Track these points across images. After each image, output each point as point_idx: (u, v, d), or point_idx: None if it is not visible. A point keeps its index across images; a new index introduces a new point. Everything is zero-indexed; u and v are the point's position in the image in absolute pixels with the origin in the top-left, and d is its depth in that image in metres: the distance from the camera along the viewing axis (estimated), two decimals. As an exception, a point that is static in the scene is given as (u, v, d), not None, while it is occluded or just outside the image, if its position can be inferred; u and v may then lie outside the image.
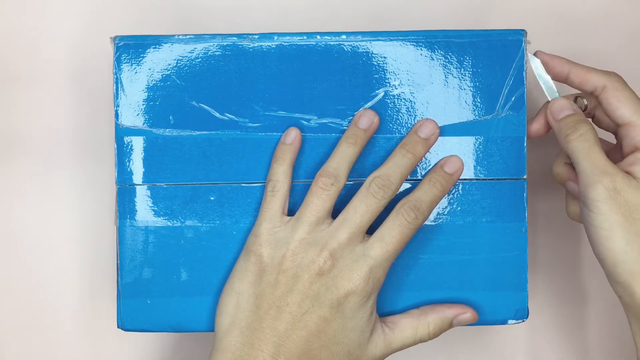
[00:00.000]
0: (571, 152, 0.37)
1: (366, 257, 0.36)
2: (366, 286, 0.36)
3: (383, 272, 0.37)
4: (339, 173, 0.37)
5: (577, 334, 0.46)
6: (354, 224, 0.36)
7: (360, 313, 0.36)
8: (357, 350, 0.37)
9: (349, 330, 0.36)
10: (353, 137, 0.38)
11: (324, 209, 0.37)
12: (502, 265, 0.40)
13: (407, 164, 0.37)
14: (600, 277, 0.46)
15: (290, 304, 0.36)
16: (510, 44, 0.39)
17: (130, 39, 0.39)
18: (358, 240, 0.37)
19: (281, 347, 0.35)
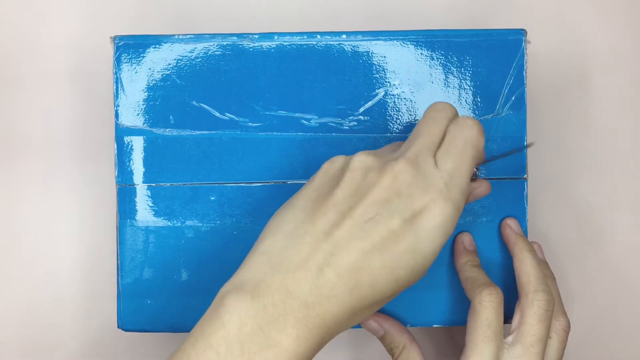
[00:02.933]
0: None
1: (442, 173, 0.32)
2: (444, 206, 0.31)
3: (462, 198, 0.32)
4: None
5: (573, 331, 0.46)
6: (426, 141, 0.33)
7: (438, 239, 0.31)
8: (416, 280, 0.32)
9: (420, 256, 0.31)
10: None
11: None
12: (503, 266, 0.40)
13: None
14: (600, 277, 0.46)
15: (353, 208, 0.30)
16: (510, 43, 0.40)
17: (130, 38, 0.39)
18: (430, 157, 0.32)
19: (333, 257, 0.30)
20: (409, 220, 0.30)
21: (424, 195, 0.31)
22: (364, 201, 0.30)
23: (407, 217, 0.30)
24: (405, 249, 0.30)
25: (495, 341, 0.35)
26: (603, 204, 0.46)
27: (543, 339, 0.35)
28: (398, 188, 0.31)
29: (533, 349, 0.35)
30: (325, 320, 0.30)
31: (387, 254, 0.30)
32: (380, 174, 0.31)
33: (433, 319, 0.40)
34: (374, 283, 0.30)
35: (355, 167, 0.32)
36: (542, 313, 0.36)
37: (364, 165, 0.32)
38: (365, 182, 0.31)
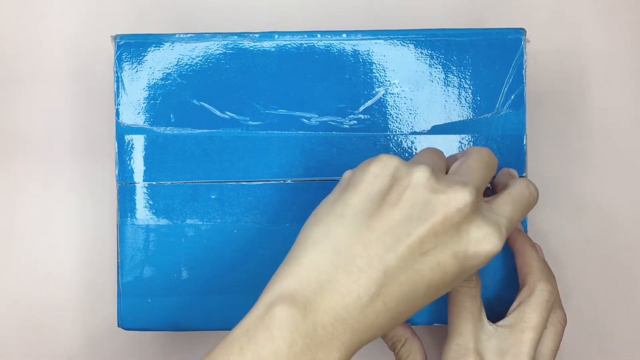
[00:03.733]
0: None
1: (500, 216, 0.31)
2: (499, 251, 0.30)
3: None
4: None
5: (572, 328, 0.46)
6: (482, 182, 0.32)
7: (471, 272, 0.31)
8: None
9: (454, 285, 0.31)
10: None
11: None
12: (504, 262, 0.40)
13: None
14: (600, 277, 0.46)
15: (412, 236, 0.29)
16: (509, 42, 0.40)
17: (131, 37, 0.39)
18: (482, 197, 0.32)
19: (384, 287, 0.29)
20: (460, 257, 0.30)
21: (479, 234, 0.30)
22: (423, 230, 0.29)
23: (459, 255, 0.30)
24: (449, 280, 0.30)
25: (472, 321, 0.36)
26: (603, 204, 0.46)
27: (537, 328, 0.35)
28: (459, 222, 0.30)
29: (524, 335, 0.35)
30: (363, 343, 0.30)
31: (432, 286, 0.30)
32: (447, 201, 0.30)
33: (433, 317, 0.40)
34: (413, 310, 0.31)
35: (418, 184, 0.30)
36: (540, 302, 0.36)
37: (428, 184, 0.30)
38: (427, 207, 0.29)
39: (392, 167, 0.31)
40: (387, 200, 0.30)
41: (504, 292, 0.40)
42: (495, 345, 0.36)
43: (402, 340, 0.38)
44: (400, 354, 0.38)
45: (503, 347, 0.35)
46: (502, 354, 0.35)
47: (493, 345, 0.36)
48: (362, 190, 0.30)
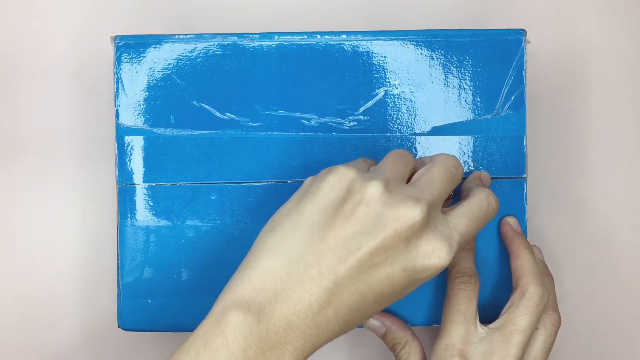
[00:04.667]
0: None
1: (452, 230, 0.32)
2: (447, 265, 0.31)
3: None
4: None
5: (572, 332, 0.46)
6: (442, 194, 0.33)
7: (420, 284, 0.32)
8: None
9: (405, 293, 0.32)
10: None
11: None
12: (501, 264, 0.40)
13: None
14: (599, 277, 0.46)
15: (362, 249, 0.30)
16: (510, 43, 0.40)
17: (130, 38, 0.39)
18: (440, 208, 0.33)
19: (335, 296, 0.30)
20: (408, 270, 0.31)
21: (428, 248, 0.31)
22: (373, 244, 0.30)
23: (408, 269, 0.31)
24: (398, 292, 0.32)
25: (464, 324, 0.36)
26: (602, 204, 0.46)
27: (525, 331, 0.36)
28: (409, 236, 0.31)
29: (512, 337, 0.36)
30: (315, 347, 0.31)
31: (381, 297, 0.31)
32: (397, 217, 0.30)
33: (433, 319, 0.40)
34: (364, 316, 0.32)
35: (371, 199, 0.31)
36: (530, 306, 0.36)
37: (381, 200, 0.31)
38: (379, 221, 0.30)
39: (348, 179, 0.31)
40: (341, 213, 0.31)
41: (500, 294, 0.40)
42: (484, 348, 0.36)
43: (402, 343, 0.38)
44: (400, 355, 0.38)
45: (491, 349, 0.36)
46: (489, 355, 0.36)
47: (482, 347, 0.36)
48: (318, 201, 0.31)
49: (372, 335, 0.45)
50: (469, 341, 0.36)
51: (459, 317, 0.37)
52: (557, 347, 0.45)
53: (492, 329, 0.36)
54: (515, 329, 0.36)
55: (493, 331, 0.36)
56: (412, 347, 0.38)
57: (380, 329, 0.39)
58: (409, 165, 0.35)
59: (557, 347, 0.45)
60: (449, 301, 0.37)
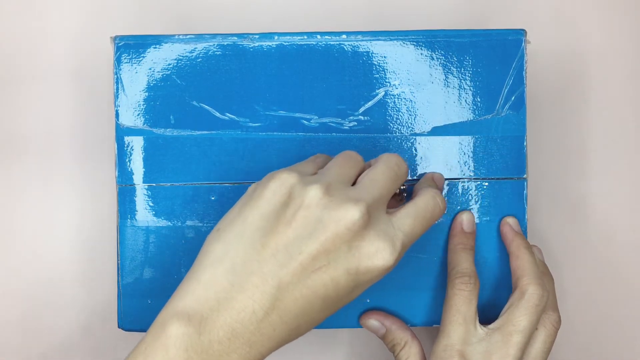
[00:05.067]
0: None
1: (397, 230, 0.32)
2: (392, 265, 0.32)
3: (402, 256, 0.33)
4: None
5: (572, 332, 0.46)
6: (384, 195, 0.33)
7: (368, 286, 0.32)
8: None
9: (352, 298, 0.32)
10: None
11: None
12: (501, 265, 0.40)
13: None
14: (599, 277, 0.46)
15: (304, 254, 0.30)
16: (510, 43, 0.40)
17: (130, 38, 0.39)
18: (385, 208, 0.33)
19: (278, 302, 0.30)
20: (352, 273, 0.31)
21: (371, 249, 0.31)
22: (314, 247, 0.30)
23: (351, 271, 0.31)
24: (344, 295, 0.31)
25: (463, 325, 0.36)
26: (602, 204, 0.46)
27: (524, 332, 0.36)
28: (350, 238, 0.31)
29: (512, 338, 0.36)
30: (262, 355, 0.31)
31: (327, 301, 0.31)
32: (337, 220, 0.31)
33: (433, 319, 0.40)
34: (312, 323, 0.32)
35: (311, 204, 0.31)
36: (529, 306, 0.36)
37: (321, 203, 0.31)
38: (319, 225, 0.31)
39: (289, 185, 0.32)
40: (282, 219, 0.31)
41: (500, 294, 0.40)
42: (484, 348, 0.36)
43: (402, 343, 0.38)
44: (399, 356, 0.38)
45: (490, 350, 0.36)
46: (489, 356, 0.36)
47: (482, 347, 0.36)
48: (260, 208, 0.32)
49: (372, 336, 0.45)
50: (469, 342, 0.36)
51: (458, 317, 0.37)
52: (557, 347, 0.45)
53: (491, 329, 0.37)
54: (515, 329, 0.36)
55: (492, 331, 0.36)
56: (411, 348, 0.38)
57: (380, 330, 0.39)
58: (356, 167, 0.35)
59: (557, 347, 0.45)
60: (448, 302, 0.37)
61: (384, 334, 0.39)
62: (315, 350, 0.45)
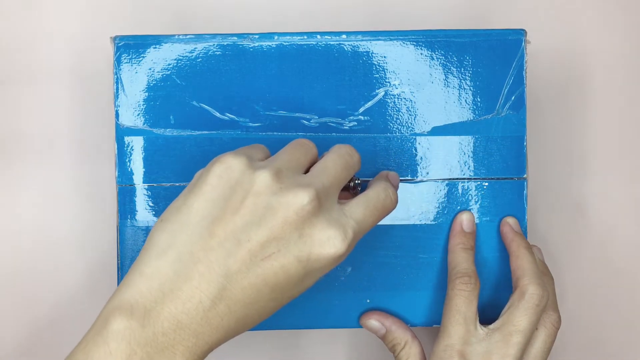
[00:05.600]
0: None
1: (348, 218, 0.32)
2: (344, 253, 0.31)
3: (354, 245, 0.32)
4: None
5: (572, 332, 0.46)
6: (335, 182, 0.33)
7: (321, 275, 0.32)
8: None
9: (303, 287, 0.32)
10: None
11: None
12: (501, 265, 0.40)
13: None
14: (599, 277, 0.46)
15: (252, 241, 0.30)
16: (510, 43, 0.40)
17: (130, 38, 0.39)
18: (337, 196, 0.33)
19: (226, 291, 0.29)
20: (303, 260, 0.30)
21: (322, 236, 0.30)
22: (263, 234, 0.30)
23: (302, 259, 0.30)
24: (294, 283, 0.31)
25: (463, 325, 0.36)
26: (602, 204, 0.46)
27: (525, 332, 0.36)
28: (299, 225, 0.30)
29: (512, 338, 0.36)
30: (211, 346, 0.30)
31: (277, 290, 0.30)
32: (286, 205, 0.30)
33: (433, 319, 0.40)
34: (261, 313, 0.31)
35: (259, 191, 0.30)
36: (530, 306, 0.36)
37: (269, 190, 0.30)
38: (268, 211, 0.30)
39: (236, 170, 0.31)
40: (230, 206, 0.30)
41: (500, 295, 0.40)
42: (484, 348, 0.36)
43: (402, 343, 0.38)
44: (400, 356, 0.38)
45: (490, 350, 0.36)
46: (489, 356, 0.36)
47: (482, 347, 0.36)
48: (206, 195, 0.30)
49: (372, 336, 0.45)
50: (469, 342, 0.36)
51: (458, 317, 0.37)
52: (557, 347, 0.45)
53: (491, 329, 0.37)
54: (515, 329, 0.36)
55: (492, 332, 0.36)
56: (412, 348, 0.38)
57: (380, 330, 0.39)
58: (308, 155, 0.34)
59: (557, 347, 0.45)
60: (449, 302, 0.37)
61: (384, 334, 0.39)
62: (315, 350, 0.45)
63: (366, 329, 0.40)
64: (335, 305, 0.40)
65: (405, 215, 0.40)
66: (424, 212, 0.40)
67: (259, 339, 0.45)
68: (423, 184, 0.40)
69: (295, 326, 0.40)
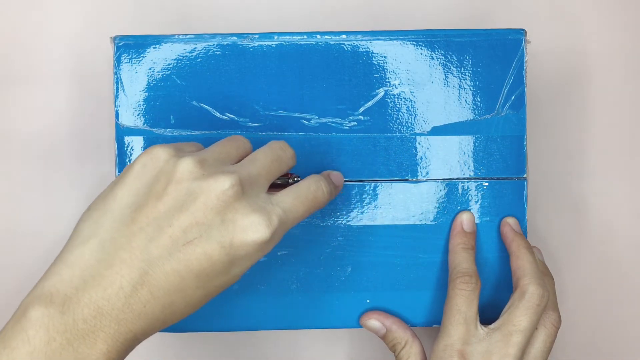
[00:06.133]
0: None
1: (275, 205, 0.32)
2: (268, 240, 0.31)
3: (283, 234, 0.32)
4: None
5: (572, 332, 0.46)
6: (263, 171, 0.33)
7: (248, 264, 0.32)
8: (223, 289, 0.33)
9: (231, 277, 0.31)
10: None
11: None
12: (502, 265, 0.40)
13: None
14: (599, 277, 0.46)
15: (174, 226, 0.30)
16: (510, 43, 0.40)
17: (130, 38, 0.39)
18: (266, 187, 0.33)
19: (148, 276, 0.29)
20: (226, 246, 0.30)
21: (245, 222, 0.30)
22: (185, 219, 0.30)
23: (225, 244, 0.30)
24: (219, 271, 0.30)
25: (464, 325, 0.36)
26: (602, 204, 0.46)
27: (525, 331, 0.36)
28: (222, 210, 0.30)
29: (512, 338, 0.36)
30: (135, 335, 0.30)
31: (202, 277, 0.30)
32: (208, 190, 0.30)
33: (433, 319, 0.40)
34: (187, 301, 0.31)
35: (182, 178, 0.30)
36: (530, 306, 0.36)
37: (191, 177, 0.30)
38: (190, 197, 0.30)
39: (161, 159, 0.31)
40: (153, 193, 0.30)
41: (500, 295, 0.40)
42: (484, 348, 0.36)
43: (403, 343, 0.38)
44: (400, 355, 0.38)
45: (490, 350, 0.36)
46: (489, 355, 0.36)
47: (482, 347, 0.36)
48: (130, 184, 0.31)
49: (372, 336, 0.45)
50: (469, 342, 0.36)
51: (459, 317, 0.37)
52: (557, 347, 0.45)
53: (491, 329, 0.37)
54: (515, 329, 0.36)
55: (492, 331, 0.36)
56: (412, 348, 0.38)
57: (381, 330, 0.39)
58: (240, 149, 0.34)
59: (557, 347, 0.45)
60: (449, 301, 0.37)
61: (384, 334, 0.39)
62: (316, 350, 0.45)
63: (366, 329, 0.40)
64: (335, 305, 0.40)
65: (405, 215, 0.40)
66: (424, 212, 0.40)
67: (259, 339, 0.45)
68: (423, 184, 0.40)
69: (295, 326, 0.40)
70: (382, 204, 0.40)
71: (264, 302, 0.39)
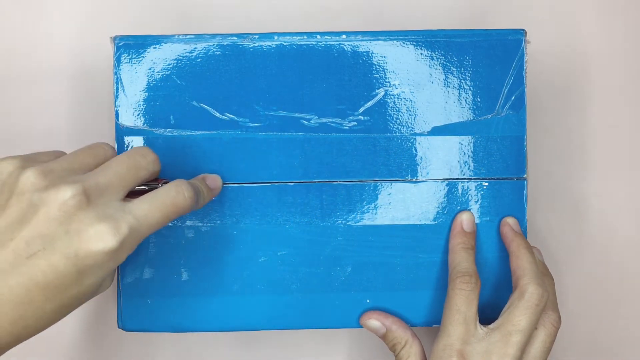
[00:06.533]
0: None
1: (126, 213, 0.31)
2: (117, 249, 0.30)
3: (138, 242, 0.32)
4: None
5: (572, 332, 0.46)
6: (116, 180, 0.32)
7: (100, 273, 0.31)
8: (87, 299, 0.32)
9: (85, 287, 0.31)
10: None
11: None
12: (502, 265, 0.40)
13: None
14: (599, 277, 0.46)
15: (16, 240, 0.29)
16: (510, 43, 0.40)
17: (130, 38, 0.39)
18: (120, 195, 0.32)
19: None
20: (71, 257, 0.30)
21: (90, 232, 0.30)
22: (28, 233, 0.29)
23: (70, 256, 0.29)
24: (69, 282, 0.30)
25: (463, 325, 0.36)
26: (602, 204, 0.46)
27: (524, 331, 0.36)
28: (66, 221, 0.30)
29: (511, 337, 0.36)
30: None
31: (50, 289, 0.30)
32: (49, 201, 0.30)
33: (433, 319, 0.40)
34: (39, 314, 0.30)
35: (24, 190, 0.30)
36: (529, 306, 0.36)
37: (33, 188, 0.30)
38: (31, 209, 0.30)
39: (5, 172, 0.31)
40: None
41: (500, 294, 0.40)
42: (483, 348, 0.36)
43: (403, 343, 0.38)
44: (400, 355, 0.38)
45: (490, 349, 0.36)
46: (488, 355, 0.36)
47: (481, 347, 0.36)
48: None
49: (372, 336, 0.45)
50: (468, 341, 0.36)
51: (458, 317, 0.37)
52: (557, 347, 0.45)
53: (491, 329, 0.37)
54: (514, 329, 0.36)
55: (492, 331, 0.36)
56: (412, 347, 0.38)
57: (381, 330, 0.39)
58: (98, 157, 0.33)
59: (557, 347, 0.45)
60: (449, 301, 0.37)
61: (384, 334, 0.39)
62: (316, 350, 0.45)
63: (366, 329, 0.40)
64: (335, 305, 0.40)
65: (405, 215, 0.40)
66: (424, 212, 0.40)
67: (259, 339, 0.45)
68: (423, 184, 0.40)
69: (295, 326, 0.40)
70: (382, 204, 0.40)
71: (264, 302, 0.40)
